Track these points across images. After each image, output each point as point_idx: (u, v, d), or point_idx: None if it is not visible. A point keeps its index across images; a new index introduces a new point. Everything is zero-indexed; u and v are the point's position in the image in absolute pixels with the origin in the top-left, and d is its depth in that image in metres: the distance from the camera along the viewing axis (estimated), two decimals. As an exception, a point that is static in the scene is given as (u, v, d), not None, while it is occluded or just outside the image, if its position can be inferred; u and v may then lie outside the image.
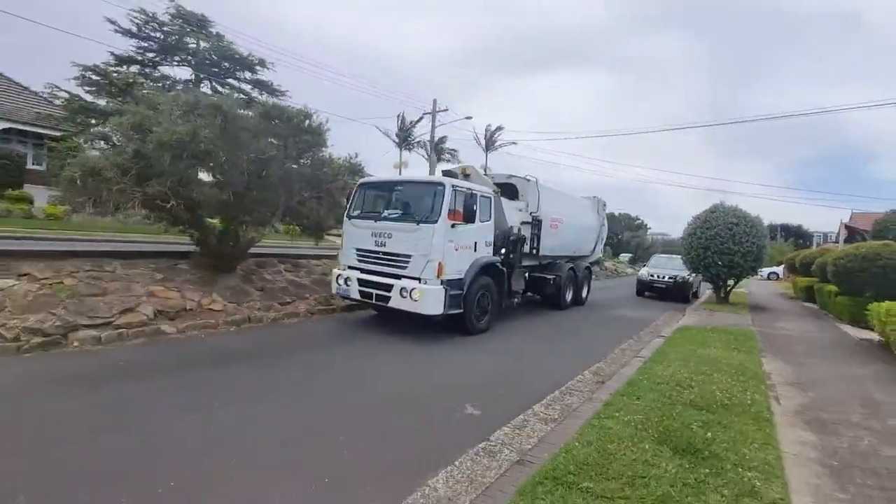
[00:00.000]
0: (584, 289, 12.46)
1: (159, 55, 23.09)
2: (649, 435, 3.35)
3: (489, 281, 7.51)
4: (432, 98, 27.32)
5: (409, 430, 3.68)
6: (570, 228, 11.03)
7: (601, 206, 13.51)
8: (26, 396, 3.85)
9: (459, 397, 4.43)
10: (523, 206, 9.59)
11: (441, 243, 6.51)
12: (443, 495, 2.76)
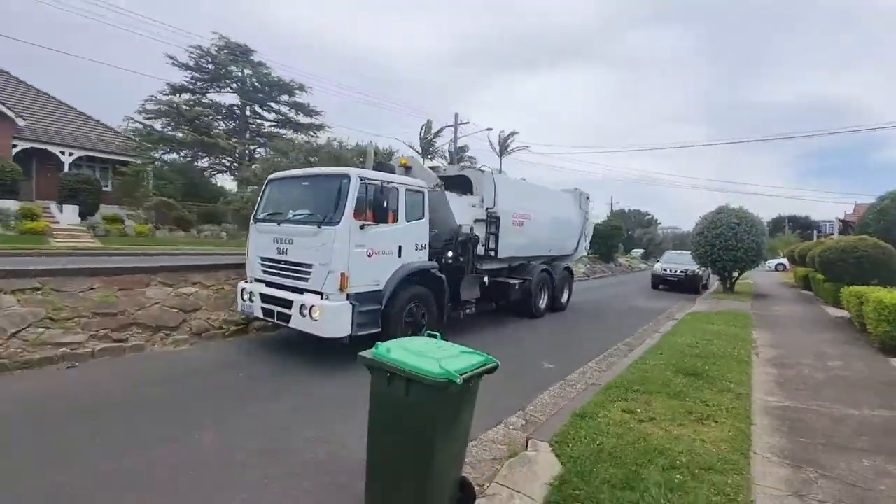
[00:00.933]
0: (564, 293, 11.21)
1: (208, 83, 25.61)
2: (669, 369, 5.41)
3: (423, 291, 6.45)
4: (449, 110, 29.48)
5: (516, 375, 5.80)
6: (541, 225, 9.84)
7: (583, 199, 12.20)
8: (258, 359, 6.02)
9: (538, 357, 6.57)
10: (477, 202, 8.21)
11: (344, 249, 5.36)
12: (549, 402, 4.88)
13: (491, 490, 2.98)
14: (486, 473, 3.27)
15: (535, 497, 2.86)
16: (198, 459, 3.31)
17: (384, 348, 2.67)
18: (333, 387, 4.98)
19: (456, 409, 2.58)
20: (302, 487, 3.04)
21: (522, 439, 3.71)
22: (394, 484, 2.63)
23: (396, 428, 2.59)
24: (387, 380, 2.58)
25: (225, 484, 3.01)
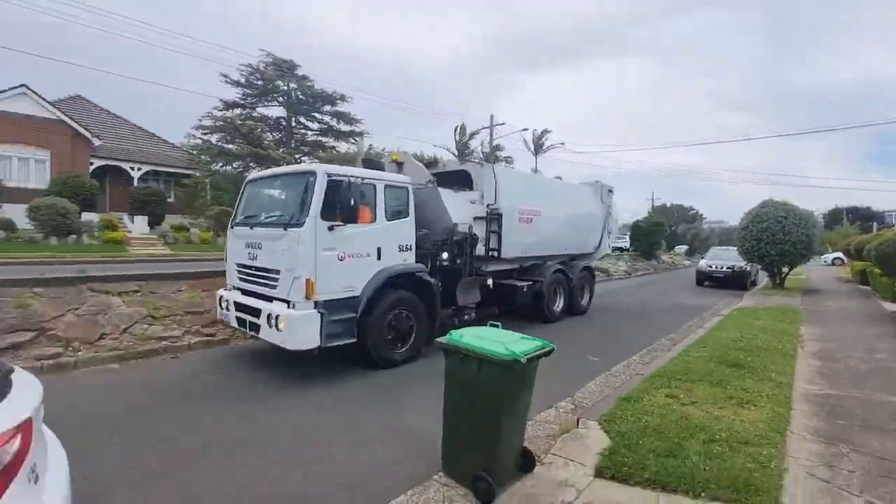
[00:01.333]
0: (584, 294, 10.40)
1: (258, 98, 27.24)
2: (712, 360, 5.67)
3: (409, 296, 6.02)
4: (484, 112, 29.91)
5: (564, 368, 6.21)
6: (555, 222, 9.13)
7: (605, 192, 11.29)
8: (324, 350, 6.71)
9: (584, 352, 6.94)
10: (477, 198, 7.70)
11: (310, 253, 4.99)
12: (595, 389, 5.28)
13: (548, 460, 3.45)
14: (541, 447, 3.73)
15: (587, 464, 3.31)
16: (292, 427, 3.98)
17: (457, 334, 3.21)
18: (388, 374, 5.59)
19: (519, 385, 3.08)
20: (384, 452, 3.63)
21: (573, 419, 4.16)
22: (468, 448, 3.15)
23: (469, 400, 3.11)
24: (460, 360, 3.12)
25: (321, 448, 3.64)
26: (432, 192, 6.97)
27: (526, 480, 3.15)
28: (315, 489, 3.10)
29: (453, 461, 3.26)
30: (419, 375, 5.60)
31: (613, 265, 22.69)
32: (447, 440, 3.30)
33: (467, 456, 3.15)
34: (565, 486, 3.05)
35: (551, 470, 3.29)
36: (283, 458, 3.49)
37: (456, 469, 3.22)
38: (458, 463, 3.23)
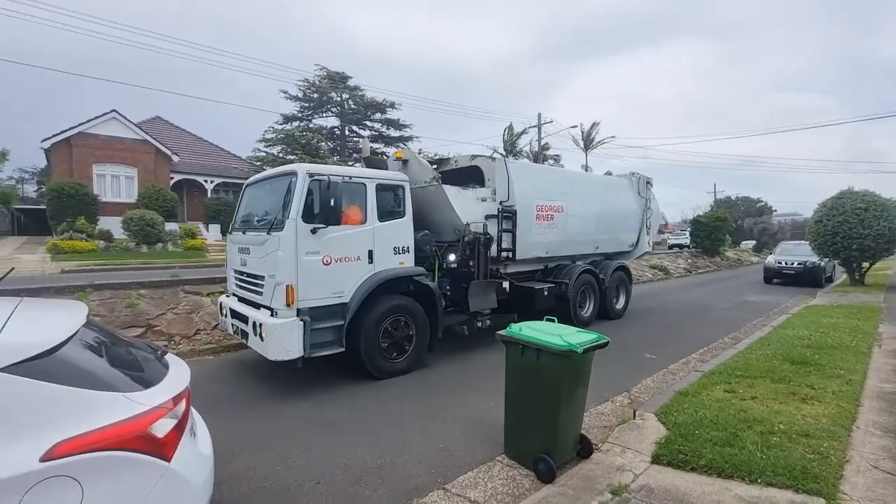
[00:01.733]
0: (619, 297, 9.58)
1: (313, 110, 28.87)
2: (776, 358, 5.56)
3: (407, 302, 5.70)
4: (531, 110, 29.77)
5: (620, 365, 6.31)
6: (581, 219, 8.44)
7: (643, 184, 10.29)
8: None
9: (640, 350, 6.97)
10: (488, 195, 7.15)
11: (290, 257, 4.79)
12: (652, 385, 5.35)
13: (605, 447, 3.66)
14: (599, 436, 3.94)
15: (644, 452, 3.49)
16: (369, 410, 4.44)
17: (517, 328, 3.51)
18: (448, 366, 5.95)
19: (576, 374, 3.33)
20: (454, 433, 3.99)
21: (630, 411, 4.32)
22: (528, 432, 3.43)
23: (529, 388, 3.40)
24: (520, 351, 3.41)
25: (391, 429, 4.06)
26: (437, 190, 6.45)
27: (584, 464, 3.39)
28: (384, 461, 3.51)
29: (515, 444, 3.56)
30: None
31: (672, 263, 21.86)
32: (509, 424, 3.61)
33: (528, 439, 3.43)
34: (622, 470, 3.26)
35: (608, 456, 3.50)
36: (353, 436, 3.95)
37: (517, 451, 3.52)
38: (519, 445, 3.52)
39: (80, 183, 19.09)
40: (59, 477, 1.51)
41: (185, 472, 1.84)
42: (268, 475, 3.32)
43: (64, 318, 1.95)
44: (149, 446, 1.72)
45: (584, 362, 3.36)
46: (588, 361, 3.41)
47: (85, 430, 1.60)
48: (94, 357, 1.88)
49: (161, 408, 1.83)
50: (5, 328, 1.68)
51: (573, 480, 3.18)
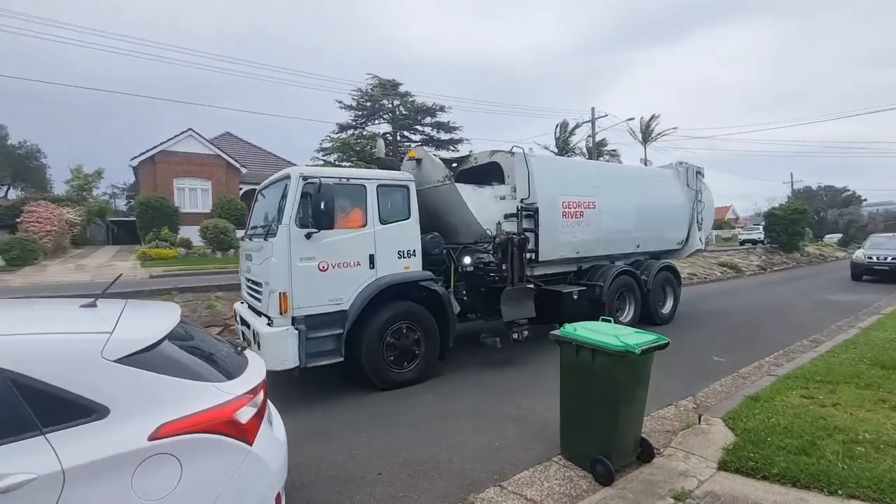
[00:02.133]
0: (666, 300, 8.76)
1: (367, 118, 29.87)
2: (863, 362, 5.08)
3: (415, 309, 5.43)
4: (585, 104, 28.95)
5: (685, 368, 6.03)
6: (617, 215, 7.78)
7: (691, 175, 9.29)
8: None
9: (707, 352, 6.61)
10: (507, 192, 6.68)
11: (283, 263, 4.67)
12: (720, 389, 5.07)
13: (668, 452, 3.54)
14: (661, 441, 3.81)
15: (709, 458, 3.35)
16: (426, 406, 4.60)
17: (570, 328, 3.50)
18: (501, 366, 5.96)
19: (634, 376, 3.26)
20: (508, 432, 4.04)
21: (695, 416, 4.14)
22: (585, 433, 3.40)
23: (584, 389, 3.37)
24: (574, 351, 3.39)
25: (447, 426, 4.16)
26: (450, 189, 6.16)
27: (644, 468, 3.31)
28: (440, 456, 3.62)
29: (571, 445, 3.54)
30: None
31: (744, 260, 20.37)
32: (565, 425, 3.59)
33: (585, 440, 3.40)
34: (686, 475, 3.15)
35: (671, 461, 3.39)
36: (411, 431, 4.10)
37: (574, 452, 3.50)
38: (575, 446, 3.50)
39: (163, 196, 21.06)
40: (163, 454, 1.74)
41: (265, 455, 2.05)
42: (333, 465, 3.55)
43: (162, 317, 2.23)
44: (234, 431, 1.93)
45: (643, 364, 3.28)
46: (647, 363, 3.33)
47: (183, 414, 1.83)
48: (187, 351, 2.13)
49: (243, 397, 2.04)
50: (118, 326, 1.96)
51: (633, 484, 3.12)
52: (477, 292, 6.35)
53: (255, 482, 1.98)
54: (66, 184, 32.79)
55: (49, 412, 1.63)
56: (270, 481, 2.07)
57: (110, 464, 1.65)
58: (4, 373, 1.60)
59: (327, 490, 3.20)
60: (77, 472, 1.58)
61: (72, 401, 1.67)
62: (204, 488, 1.80)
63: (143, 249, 16.71)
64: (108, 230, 25.85)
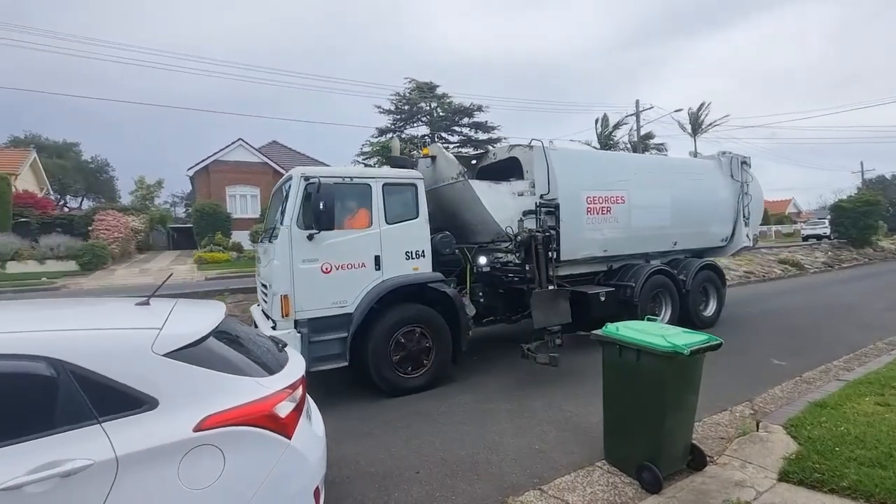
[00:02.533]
0: (708, 302, 8.16)
1: (405, 122, 30.29)
2: (952, 368, 4.57)
3: (424, 312, 5.20)
4: (628, 97, 27.88)
5: (741, 371, 5.66)
6: (650, 210, 7.26)
7: (735, 166, 8.54)
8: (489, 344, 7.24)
9: (765, 355, 6.18)
10: (525, 188, 6.34)
11: (285, 265, 4.59)
12: (780, 395, 4.71)
13: (721, 460, 3.32)
14: (714, 449, 3.59)
15: (769, 467, 3.10)
16: (464, 406, 4.55)
17: (613, 327, 3.35)
18: (541, 367, 5.82)
19: (683, 378, 3.08)
20: (548, 435, 3.93)
21: (751, 423, 3.86)
22: (630, 437, 3.25)
23: (629, 392, 3.22)
24: (618, 352, 3.25)
25: (485, 427, 4.10)
26: (464, 187, 5.93)
27: (696, 477, 3.12)
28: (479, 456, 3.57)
29: (616, 449, 3.39)
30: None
31: (807, 257, 18.93)
32: (609, 429, 3.45)
33: (630, 446, 3.25)
34: (742, 486, 2.94)
35: (725, 470, 3.18)
36: (449, 431, 4.07)
37: (619, 457, 3.35)
38: (620, 452, 3.35)
39: (217, 203, 22.27)
40: (207, 446, 1.81)
41: (303, 449, 2.09)
42: (372, 462, 3.59)
43: (208, 315, 2.34)
44: (274, 424, 1.98)
45: (693, 366, 3.10)
46: (697, 365, 3.14)
47: (225, 407, 1.90)
48: (231, 347, 2.22)
49: (283, 391, 2.10)
50: (167, 323, 2.06)
51: (683, 493, 2.95)
52: (496, 294, 6.13)
53: (294, 475, 2.03)
54: (131, 194, 35.52)
55: (104, 402, 1.74)
56: (309, 475, 2.11)
57: (159, 453, 1.73)
58: (65, 365, 1.72)
59: (366, 486, 3.24)
60: (129, 460, 1.67)
61: (124, 392, 1.77)
62: (245, 479, 1.86)
63: (200, 254, 17.72)
64: (168, 236, 27.64)
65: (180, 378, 1.90)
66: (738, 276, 14.40)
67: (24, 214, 17.53)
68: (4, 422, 1.64)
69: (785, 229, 38.17)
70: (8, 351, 1.70)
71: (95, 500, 1.61)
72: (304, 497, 2.06)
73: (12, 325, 1.95)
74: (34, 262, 14.17)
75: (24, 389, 1.71)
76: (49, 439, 1.63)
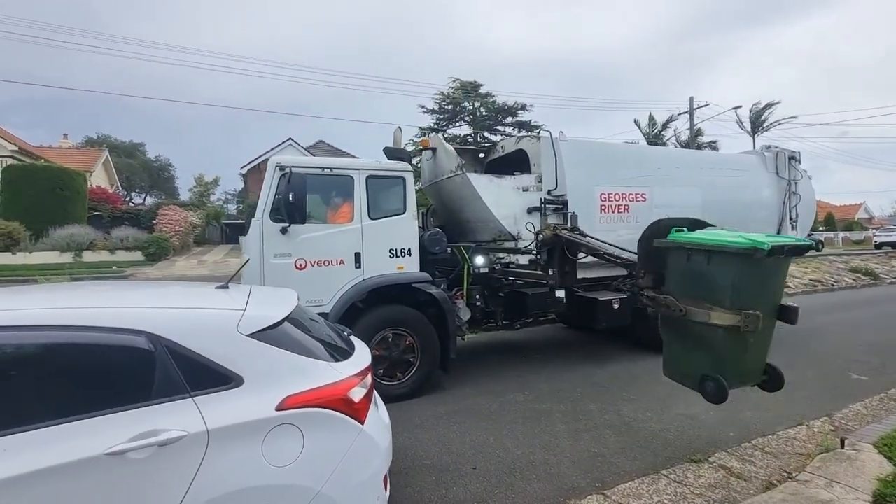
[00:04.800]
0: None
1: (448, 121, 30.40)
2: None
3: (407, 313, 4.84)
4: (683, 93, 26.62)
5: (815, 383, 5.25)
6: (675, 210, 6.33)
7: (782, 162, 7.73)
8: (536, 343, 7.10)
9: (841, 369, 5.73)
10: (530, 183, 5.88)
11: (256, 260, 4.36)
12: (864, 412, 4.31)
13: (802, 477, 3.07)
14: (791, 464, 3.34)
15: (861, 489, 2.84)
16: (519, 405, 4.48)
17: (681, 233, 3.10)
18: (598, 369, 5.63)
19: (760, 282, 2.80)
20: (607, 439, 3.80)
21: (834, 440, 3.57)
22: (694, 351, 3.03)
23: (697, 296, 2.89)
24: (685, 257, 2.98)
25: (541, 428, 4.01)
26: (463, 181, 5.55)
27: (775, 493, 2.90)
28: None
29: (676, 363, 3.23)
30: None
31: (883, 266, 17.43)
32: (669, 342, 3.25)
33: (694, 358, 3.04)
34: (830, 505, 2.70)
35: (808, 488, 2.93)
36: (504, 429, 4.01)
37: (680, 372, 3.18)
38: (682, 365, 3.17)
39: (267, 200, 23.18)
40: (289, 425, 1.85)
41: (375, 435, 2.10)
42: (428, 454, 3.58)
43: (284, 300, 2.40)
44: (348, 408, 2.00)
45: (774, 268, 2.82)
46: (780, 268, 2.88)
47: (304, 388, 1.93)
48: (305, 331, 2.26)
49: (355, 377, 2.11)
50: (248, 305, 2.13)
51: (763, 509, 2.75)
52: (496, 298, 5.75)
53: (367, 459, 2.04)
54: (190, 191, 37.61)
55: (195, 377, 1.80)
56: (380, 461, 2.12)
57: (245, 429, 1.79)
58: (162, 340, 1.80)
59: (424, 478, 3.23)
60: (219, 434, 1.73)
61: (214, 369, 1.84)
62: (323, 460, 1.88)
63: (251, 248, 18.48)
64: (222, 231, 29.09)
65: (263, 358, 1.95)
66: (803, 283, 13.45)
67: (97, 209, 18.95)
68: (107, 391, 1.75)
69: (854, 236, 35.33)
70: (111, 324, 1.80)
71: (188, 470, 1.67)
72: (374, 482, 2.07)
73: (113, 301, 2.07)
74: (106, 252, 15.28)
75: (124, 361, 1.81)
76: (146, 410, 1.71)
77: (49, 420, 1.60)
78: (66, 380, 1.74)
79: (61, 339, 1.75)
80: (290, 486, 1.81)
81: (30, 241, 14.28)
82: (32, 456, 1.53)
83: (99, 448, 1.59)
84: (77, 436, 1.60)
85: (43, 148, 24.99)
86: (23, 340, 1.74)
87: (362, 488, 2.02)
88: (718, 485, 3.08)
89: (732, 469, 3.28)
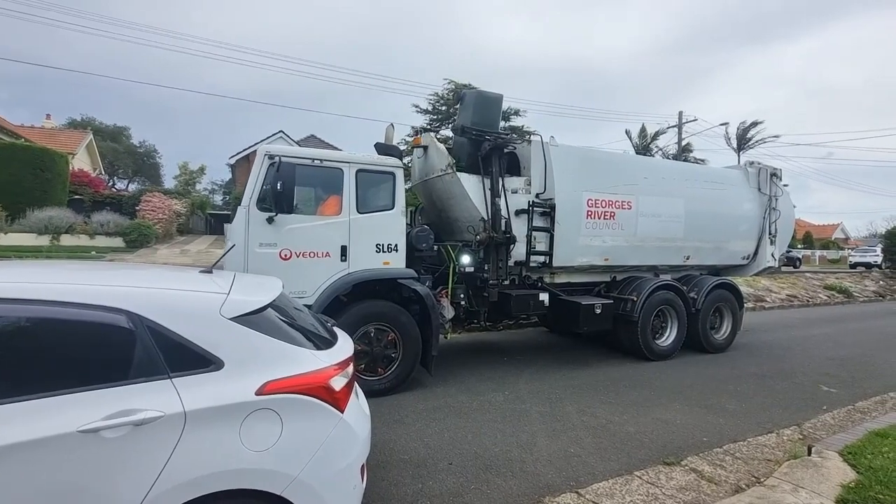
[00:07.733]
0: (721, 324, 7.56)
1: (441, 122, 30.46)
2: None
3: (389, 310, 4.85)
4: (672, 107, 27.12)
5: (786, 394, 5.40)
6: (659, 219, 6.71)
7: (763, 178, 7.92)
8: (523, 344, 7.15)
9: (812, 381, 5.89)
10: (520, 185, 5.95)
11: (240, 248, 4.32)
12: (832, 422, 4.45)
13: (770, 482, 3.16)
14: (760, 470, 3.43)
15: (825, 494, 2.93)
16: (497, 405, 4.50)
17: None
18: (576, 372, 5.70)
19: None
20: (583, 440, 3.85)
21: (801, 448, 3.67)
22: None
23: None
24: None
25: (518, 427, 4.04)
26: (452, 180, 5.59)
27: (743, 496, 2.98)
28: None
29: None
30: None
31: (856, 285, 17.97)
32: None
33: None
34: (794, 509, 2.78)
35: (775, 492, 3.02)
36: (482, 427, 4.03)
37: None
38: None
39: (255, 192, 22.90)
40: (267, 409, 1.84)
41: (354, 424, 2.10)
42: (406, 449, 3.59)
43: (268, 287, 2.39)
44: (329, 396, 2.00)
45: None
46: None
47: (285, 375, 1.93)
48: (289, 319, 2.26)
49: (337, 366, 2.11)
50: (232, 289, 2.11)
51: (729, 511, 2.82)
52: (480, 297, 5.79)
53: (345, 448, 2.04)
54: (175, 178, 36.91)
55: (175, 359, 1.79)
56: (358, 450, 2.12)
57: (223, 412, 1.77)
58: (143, 319, 1.78)
59: (401, 472, 3.24)
60: (196, 416, 1.72)
61: (194, 351, 1.82)
62: (301, 447, 1.88)
63: (236, 239, 18.21)
64: (206, 221, 28.63)
65: (244, 342, 1.94)
66: (780, 298, 13.80)
67: (79, 192, 18.49)
68: (85, 368, 1.72)
69: (830, 255, 36.32)
70: (91, 301, 1.78)
71: (163, 451, 1.66)
72: (352, 471, 2.07)
73: (94, 279, 2.04)
74: (86, 237, 14.91)
75: (103, 339, 1.78)
76: (124, 388, 1.69)
77: (22, 395, 1.58)
78: (42, 356, 1.71)
79: (39, 314, 1.72)
80: (268, 471, 1.80)
81: (5, 222, 13.88)
82: (2, 430, 1.50)
83: (72, 425, 1.57)
84: (50, 412, 1.58)
85: (24, 127, 24.28)
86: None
87: (339, 476, 2.02)
88: (689, 487, 3.15)
89: (703, 472, 3.35)
